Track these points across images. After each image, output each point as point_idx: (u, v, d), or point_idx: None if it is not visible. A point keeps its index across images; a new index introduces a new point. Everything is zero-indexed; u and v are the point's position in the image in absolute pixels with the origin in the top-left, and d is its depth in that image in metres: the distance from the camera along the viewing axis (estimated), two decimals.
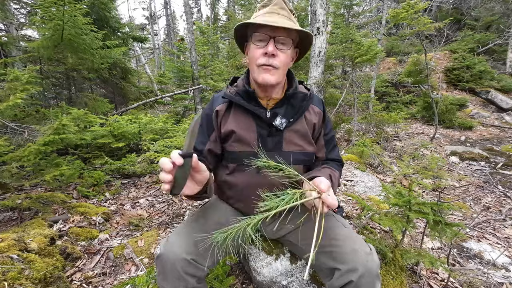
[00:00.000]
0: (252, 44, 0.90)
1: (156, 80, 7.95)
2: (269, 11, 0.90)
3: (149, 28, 18.10)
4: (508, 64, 8.58)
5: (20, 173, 1.87)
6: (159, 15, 19.19)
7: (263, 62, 0.88)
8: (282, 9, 0.90)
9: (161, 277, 0.84)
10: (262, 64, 0.88)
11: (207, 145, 0.99)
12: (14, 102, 1.80)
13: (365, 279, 0.77)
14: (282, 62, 0.89)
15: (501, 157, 4.14)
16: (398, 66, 9.40)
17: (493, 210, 2.51)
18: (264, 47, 0.87)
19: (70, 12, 2.54)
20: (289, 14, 0.91)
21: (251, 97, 0.96)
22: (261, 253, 1.22)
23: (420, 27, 4.11)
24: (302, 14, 7.92)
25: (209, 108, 1.03)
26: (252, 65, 0.93)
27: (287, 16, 0.90)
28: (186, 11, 5.93)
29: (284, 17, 0.89)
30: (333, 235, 0.90)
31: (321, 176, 0.83)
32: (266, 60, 0.87)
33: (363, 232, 1.58)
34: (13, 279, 1.07)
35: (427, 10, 10.62)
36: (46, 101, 3.39)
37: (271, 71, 0.89)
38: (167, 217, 2.03)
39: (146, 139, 2.92)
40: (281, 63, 0.89)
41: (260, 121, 0.96)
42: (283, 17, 0.89)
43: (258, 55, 0.89)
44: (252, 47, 0.91)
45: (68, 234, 1.68)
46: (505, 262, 1.70)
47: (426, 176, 2.90)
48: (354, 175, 2.79)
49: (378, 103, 5.35)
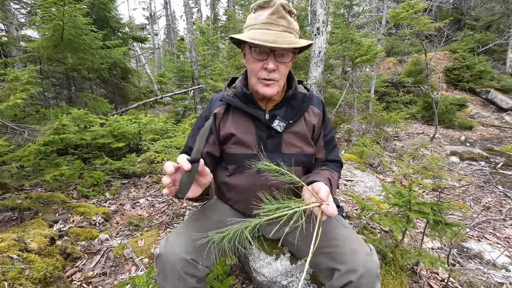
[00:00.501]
0: (250, 55, 0.86)
1: (156, 80, 7.95)
2: (267, 21, 0.82)
3: (149, 28, 18.10)
4: (508, 64, 8.58)
5: (20, 173, 1.87)
6: (159, 15, 19.19)
7: (263, 77, 0.86)
8: (281, 18, 0.82)
9: (161, 277, 0.84)
10: (262, 78, 0.87)
11: (205, 148, 0.99)
12: (14, 102, 1.80)
13: (365, 279, 0.77)
14: (282, 74, 0.88)
15: (501, 157, 4.14)
16: (398, 66, 9.40)
17: (493, 210, 2.51)
18: (264, 61, 0.84)
19: (70, 12, 2.54)
20: (288, 23, 0.83)
21: (250, 100, 0.96)
22: (261, 253, 1.22)
23: (420, 27, 4.11)
24: (302, 14, 7.92)
25: (208, 110, 1.02)
26: (251, 76, 0.91)
27: (286, 27, 0.83)
28: (186, 11, 5.93)
29: (284, 29, 0.83)
30: (333, 236, 0.90)
31: (321, 180, 0.83)
32: (267, 74, 0.85)
33: (363, 232, 1.58)
34: (13, 279, 1.07)
35: (427, 10, 10.62)
36: (46, 101, 3.39)
37: (271, 85, 0.87)
38: (167, 217, 2.03)
39: (146, 139, 2.92)
40: (282, 75, 0.88)
41: (259, 123, 0.96)
42: (283, 30, 0.82)
43: (258, 69, 0.86)
44: (250, 59, 0.87)
45: (68, 234, 1.68)
46: (505, 262, 1.70)
47: (426, 176, 2.90)
48: (354, 175, 2.79)
49: (378, 103, 5.35)
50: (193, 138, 1.02)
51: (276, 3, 0.81)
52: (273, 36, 0.80)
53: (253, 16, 0.86)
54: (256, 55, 0.85)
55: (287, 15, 0.83)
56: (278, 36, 0.80)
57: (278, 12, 0.81)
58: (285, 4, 0.83)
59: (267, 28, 0.82)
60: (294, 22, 0.86)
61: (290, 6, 0.84)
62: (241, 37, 0.83)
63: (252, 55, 0.85)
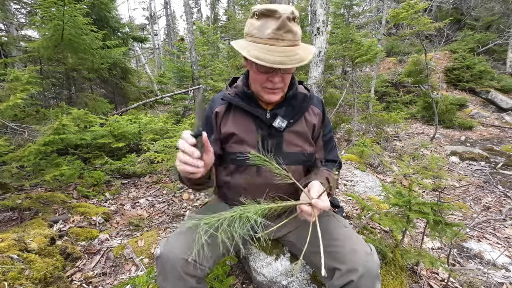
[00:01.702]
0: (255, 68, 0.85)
1: (156, 80, 7.95)
2: (273, 36, 0.77)
3: (149, 28, 18.10)
4: (508, 64, 8.57)
5: (20, 173, 1.87)
6: (159, 15, 19.19)
7: (269, 87, 0.87)
8: (287, 32, 0.77)
9: (161, 277, 0.84)
10: (267, 88, 0.88)
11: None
12: (14, 102, 1.80)
13: (365, 279, 0.77)
14: (286, 82, 0.90)
15: (501, 157, 4.14)
16: (398, 66, 9.40)
17: (493, 210, 2.51)
18: (269, 74, 0.84)
19: (70, 12, 2.54)
20: (294, 36, 0.79)
21: (251, 99, 0.97)
22: (261, 253, 1.22)
23: (420, 27, 4.11)
24: (302, 14, 7.92)
25: (209, 109, 1.03)
26: (255, 84, 0.91)
27: (292, 40, 0.79)
28: (186, 11, 5.93)
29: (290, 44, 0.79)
30: (333, 235, 0.90)
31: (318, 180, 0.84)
32: (272, 85, 0.86)
33: (363, 232, 1.58)
34: (13, 279, 1.07)
35: (427, 10, 10.61)
36: (46, 101, 3.39)
37: (276, 93, 0.90)
38: (167, 217, 2.03)
39: (146, 139, 2.92)
40: (286, 83, 0.90)
41: (260, 122, 0.97)
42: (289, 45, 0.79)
43: (262, 80, 0.87)
44: (254, 70, 0.86)
45: (68, 234, 1.68)
46: (505, 262, 1.70)
47: (426, 176, 2.90)
48: (354, 175, 2.79)
49: (378, 103, 5.35)
50: None
51: (282, 16, 0.75)
52: (280, 54, 0.76)
53: (257, 26, 0.80)
54: (261, 69, 0.84)
55: (293, 26, 0.79)
56: (285, 53, 0.77)
57: (285, 26, 0.76)
58: (290, 14, 0.76)
59: (273, 44, 0.78)
60: (299, 30, 0.82)
61: (294, 12, 0.78)
62: (246, 54, 0.78)
63: (257, 68, 0.84)
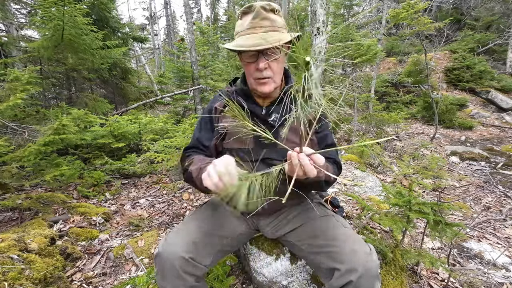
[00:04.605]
0: (243, 60, 0.93)
1: (156, 80, 7.95)
2: (251, 25, 0.86)
3: (149, 28, 18.10)
4: (508, 64, 8.57)
5: (20, 173, 1.87)
6: (159, 15, 19.19)
7: (257, 77, 0.92)
8: (263, 19, 0.86)
9: (160, 276, 0.85)
10: (257, 78, 0.92)
11: (213, 141, 1.04)
12: (14, 102, 1.80)
13: (365, 279, 0.77)
14: (275, 70, 0.93)
15: (501, 157, 4.14)
16: (398, 66, 9.40)
17: (493, 210, 2.51)
18: (255, 63, 0.89)
19: (70, 13, 2.54)
20: (272, 22, 0.87)
21: (248, 95, 1.01)
22: (261, 253, 1.22)
23: (420, 27, 4.11)
24: (302, 14, 7.92)
25: (209, 106, 1.08)
26: (249, 78, 0.97)
27: (270, 26, 0.87)
28: (186, 11, 5.93)
29: (268, 30, 0.86)
30: (332, 235, 0.90)
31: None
32: (260, 74, 0.90)
33: (363, 232, 1.57)
34: (13, 279, 1.07)
35: (427, 10, 10.61)
36: (46, 101, 3.39)
37: (266, 83, 0.93)
38: (167, 217, 2.03)
39: (146, 139, 2.92)
40: (275, 71, 0.92)
41: (256, 118, 0.98)
42: (267, 30, 0.86)
43: (252, 70, 0.92)
44: (244, 62, 0.94)
45: (68, 234, 1.68)
46: (505, 262, 1.69)
47: (426, 176, 2.90)
48: (354, 175, 2.79)
49: (378, 103, 5.35)
50: (200, 131, 1.07)
51: (256, 7, 0.85)
52: (258, 39, 0.84)
53: (240, 23, 0.92)
54: (247, 58, 0.91)
55: (270, 15, 0.87)
56: (263, 37, 0.84)
57: (260, 15, 0.86)
58: (265, 5, 0.87)
59: (251, 32, 0.87)
60: (279, 19, 0.90)
61: (271, 4, 0.88)
62: (230, 46, 0.88)
63: (244, 59, 0.92)
